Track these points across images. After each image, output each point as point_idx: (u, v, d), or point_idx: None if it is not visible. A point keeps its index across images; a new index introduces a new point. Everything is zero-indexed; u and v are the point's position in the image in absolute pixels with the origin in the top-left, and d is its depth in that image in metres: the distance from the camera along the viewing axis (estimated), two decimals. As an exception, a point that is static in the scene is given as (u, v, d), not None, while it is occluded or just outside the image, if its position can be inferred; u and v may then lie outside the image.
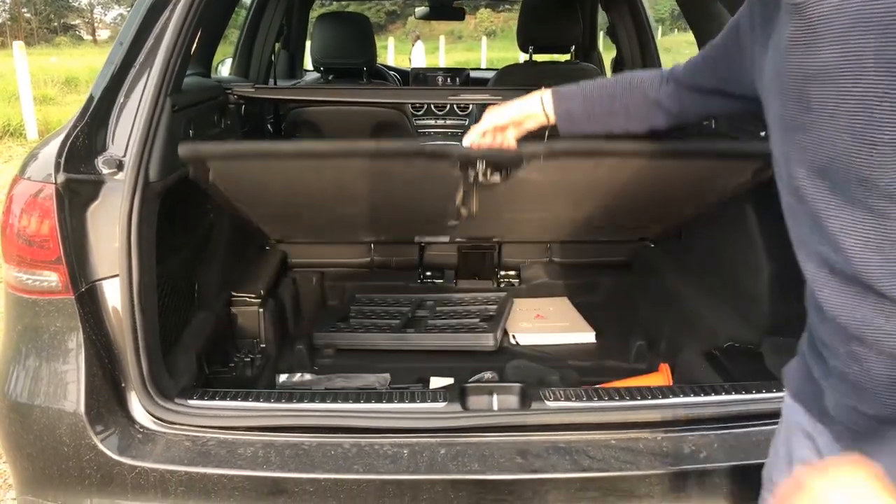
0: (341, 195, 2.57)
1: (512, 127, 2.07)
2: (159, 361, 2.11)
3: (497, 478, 1.89)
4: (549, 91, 2.00)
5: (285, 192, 2.53)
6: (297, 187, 2.49)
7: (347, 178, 2.41)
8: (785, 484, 1.04)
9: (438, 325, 3.21)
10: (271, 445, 1.97)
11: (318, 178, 2.40)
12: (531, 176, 2.38)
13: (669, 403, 2.08)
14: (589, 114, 1.94)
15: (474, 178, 2.32)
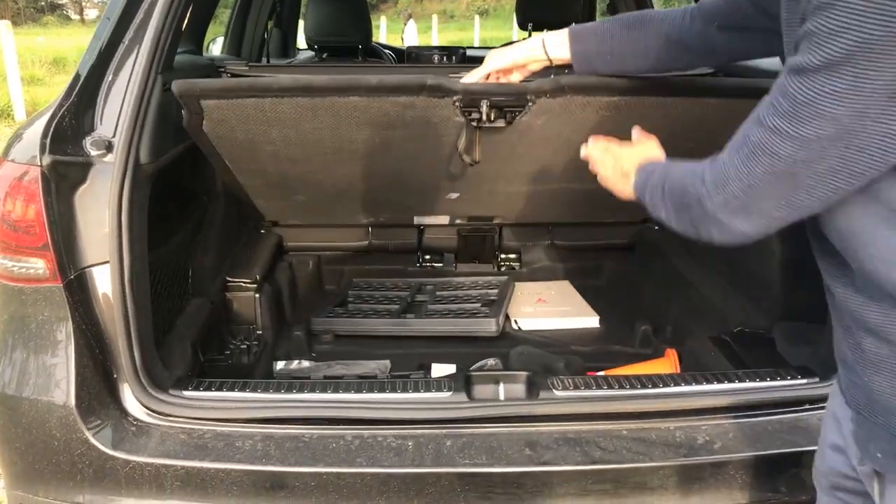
0: (339, 147, 2.45)
1: (516, 71, 2.01)
2: (153, 351, 2.03)
3: (506, 470, 1.83)
4: (556, 32, 1.92)
5: (281, 142, 2.40)
6: (294, 136, 2.36)
7: (345, 125, 2.29)
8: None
9: (439, 311, 3.13)
10: (270, 438, 1.90)
11: (314, 124, 2.27)
12: (537, 121, 2.29)
13: (682, 392, 2.01)
14: (606, 53, 1.85)
15: (477, 122, 2.23)
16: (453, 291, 3.34)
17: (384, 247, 3.54)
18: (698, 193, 1.24)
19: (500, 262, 3.61)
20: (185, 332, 2.35)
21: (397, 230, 3.51)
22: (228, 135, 2.35)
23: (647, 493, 1.87)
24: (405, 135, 2.38)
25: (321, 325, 3.05)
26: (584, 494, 1.86)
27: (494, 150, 2.47)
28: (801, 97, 1.01)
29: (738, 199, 1.16)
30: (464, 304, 3.19)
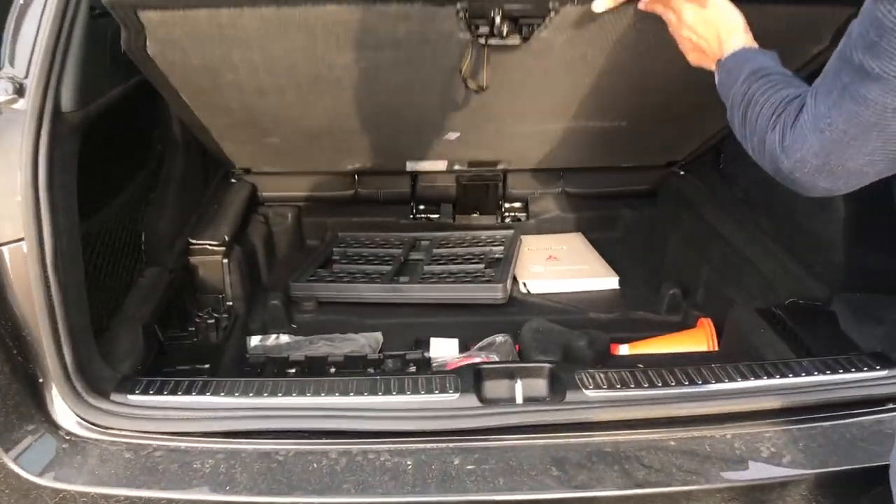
0: (315, 75, 2.02)
1: None
2: (89, 345, 1.65)
3: (530, 498, 1.47)
4: None
5: (245, 69, 1.96)
6: (260, 61, 1.92)
7: (322, 46, 1.86)
8: None
9: (436, 273, 2.75)
10: (236, 456, 1.53)
11: (284, 45, 1.85)
12: (558, 38, 1.89)
13: (739, 389, 1.65)
14: None
15: (486, 38, 1.84)
16: (452, 249, 2.95)
17: (373, 196, 3.13)
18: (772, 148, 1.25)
19: (504, 213, 3.21)
20: (135, 313, 1.96)
21: (388, 178, 3.09)
22: (180, 60, 1.91)
23: (702, 521, 1.52)
24: (396, 58, 1.95)
25: (302, 290, 2.66)
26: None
27: (504, 76, 2.06)
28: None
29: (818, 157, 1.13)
30: (465, 264, 2.80)
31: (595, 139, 2.71)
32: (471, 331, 2.47)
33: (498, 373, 1.74)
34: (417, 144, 2.75)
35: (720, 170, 2.79)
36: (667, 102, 2.34)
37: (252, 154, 2.80)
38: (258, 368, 2.17)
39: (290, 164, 2.91)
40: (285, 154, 2.77)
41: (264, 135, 2.55)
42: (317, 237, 3.15)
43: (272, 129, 2.49)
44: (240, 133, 2.55)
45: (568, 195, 3.17)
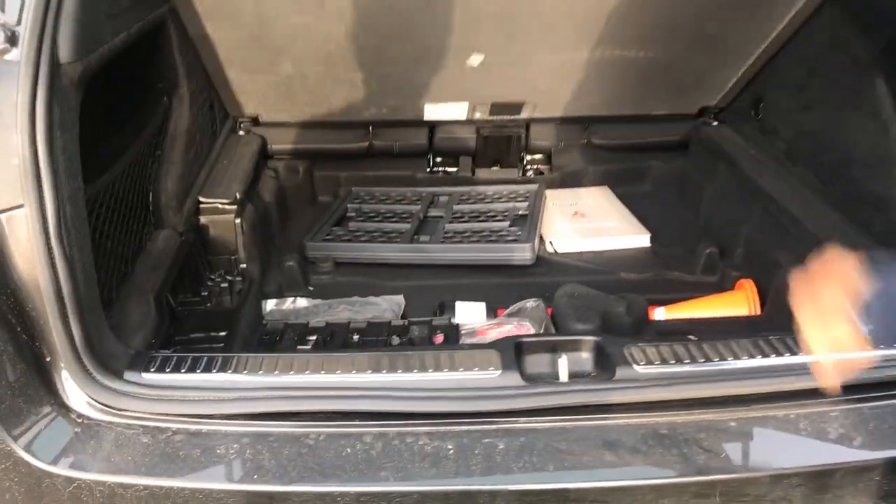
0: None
1: None
2: (99, 320, 1.52)
3: (583, 486, 1.36)
4: None
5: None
6: None
7: None
8: None
9: (459, 231, 2.61)
10: (263, 440, 1.41)
11: None
12: None
13: (805, 364, 1.52)
14: None
15: None
16: (474, 205, 2.81)
17: (388, 149, 2.96)
18: None
19: (526, 166, 3.05)
20: (146, 280, 1.83)
21: (404, 129, 2.92)
22: None
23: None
24: None
25: (318, 250, 2.53)
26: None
27: None
28: None
29: None
30: (488, 221, 2.66)
31: (624, 74, 2.56)
32: (496, 293, 2.36)
33: (540, 346, 1.62)
34: (437, 76, 2.56)
35: (759, 121, 2.63)
36: (700, 20, 2.17)
37: (261, 93, 2.62)
38: (276, 336, 2.05)
39: (301, 110, 2.74)
40: (296, 94, 2.61)
41: (276, 57, 2.41)
42: (329, 192, 3.00)
43: (285, 47, 2.35)
44: (249, 55, 2.41)
45: (594, 146, 3.01)
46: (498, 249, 2.45)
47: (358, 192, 2.93)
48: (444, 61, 2.47)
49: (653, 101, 2.79)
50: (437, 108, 2.76)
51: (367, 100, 2.67)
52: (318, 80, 2.53)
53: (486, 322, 2.07)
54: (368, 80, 2.56)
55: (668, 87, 2.70)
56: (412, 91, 2.64)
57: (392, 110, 2.75)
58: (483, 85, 2.62)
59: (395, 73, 2.53)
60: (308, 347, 1.94)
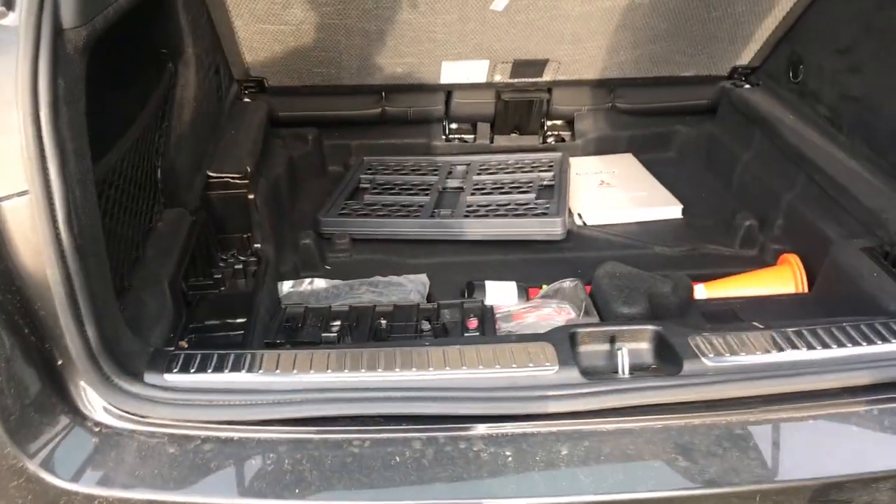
0: None
1: None
2: (115, 314, 1.37)
3: (658, 496, 1.25)
4: None
5: None
6: None
7: None
8: None
9: (482, 204, 2.46)
10: (302, 448, 1.29)
11: None
12: None
13: (889, 353, 1.41)
14: None
15: None
16: (495, 175, 2.66)
17: (402, 115, 2.80)
18: None
19: (547, 133, 2.90)
20: (159, 267, 1.68)
21: (419, 94, 2.75)
22: None
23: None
24: None
25: (333, 226, 2.38)
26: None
27: None
28: None
29: None
30: (512, 193, 2.51)
31: (655, 25, 2.42)
32: (524, 270, 2.23)
33: (596, 337, 1.49)
34: (458, 27, 2.39)
35: (798, 84, 2.48)
36: None
37: (269, 49, 2.44)
38: (297, 321, 1.90)
39: (310, 72, 2.56)
40: (306, 49, 2.43)
41: (286, 1, 2.24)
42: (339, 162, 2.84)
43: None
44: (258, 2, 2.24)
45: (618, 111, 2.86)
46: (527, 224, 2.31)
47: (370, 161, 2.77)
48: (465, 9, 2.30)
49: (683, 58, 2.63)
50: (455, 67, 2.58)
51: (381, 56, 2.49)
52: (330, 30, 2.35)
53: (523, 305, 1.93)
54: (383, 31, 2.38)
55: (699, 42, 2.54)
56: (430, 45, 2.46)
57: (408, 70, 2.57)
58: (505, 39, 2.45)
59: (412, 22, 2.34)
60: (334, 335, 1.80)
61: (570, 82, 2.73)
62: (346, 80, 2.60)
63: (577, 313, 1.88)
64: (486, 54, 2.53)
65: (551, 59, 2.59)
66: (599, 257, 2.24)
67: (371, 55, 2.49)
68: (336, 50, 2.46)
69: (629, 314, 1.80)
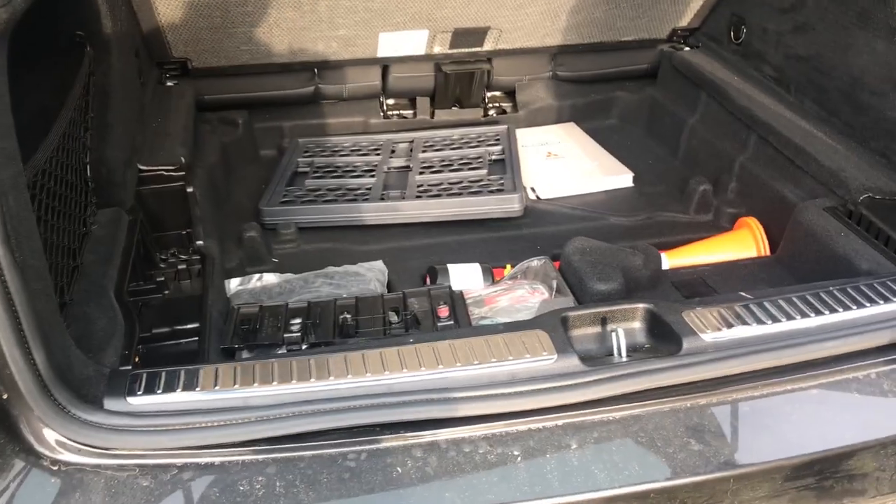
0: None
1: None
2: (62, 336, 1.22)
3: (678, 483, 1.19)
4: None
5: None
6: None
7: None
8: None
9: (433, 184, 2.35)
10: (293, 468, 1.17)
11: None
12: None
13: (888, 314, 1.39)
14: None
15: None
16: (441, 151, 2.55)
17: (337, 93, 2.66)
18: None
19: (488, 105, 2.81)
20: (101, 276, 1.51)
21: (353, 69, 2.61)
22: None
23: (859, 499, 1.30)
24: None
25: (276, 216, 2.23)
26: (777, 497, 1.26)
27: None
28: None
29: None
30: (462, 170, 2.42)
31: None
32: (483, 250, 2.15)
33: (588, 319, 1.43)
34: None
35: (740, 45, 2.47)
36: None
37: (193, 27, 2.25)
38: (254, 323, 1.76)
39: (237, 50, 2.38)
40: (233, 24, 2.25)
41: None
42: (272, 146, 2.67)
43: None
44: None
45: (559, 79, 2.80)
46: (484, 203, 2.22)
47: (306, 143, 2.62)
48: None
49: (624, 23, 2.58)
50: (393, 39, 2.45)
51: (314, 30, 2.33)
52: (259, 2, 2.18)
53: (494, 288, 1.85)
54: (317, 2, 2.22)
55: (641, 5, 2.50)
56: (367, 15, 2.31)
57: (343, 44, 2.43)
58: (445, 6, 2.34)
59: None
60: (296, 335, 1.68)
61: (511, 51, 2.65)
62: (277, 57, 2.44)
63: (550, 293, 1.82)
64: (426, 23, 2.42)
65: (492, 27, 2.49)
66: (557, 231, 2.19)
67: (303, 29, 2.33)
68: (266, 25, 2.29)
69: (606, 291, 1.74)
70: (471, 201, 2.22)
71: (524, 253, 2.08)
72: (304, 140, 2.63)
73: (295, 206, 2.25)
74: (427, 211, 2.23)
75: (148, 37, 2.22)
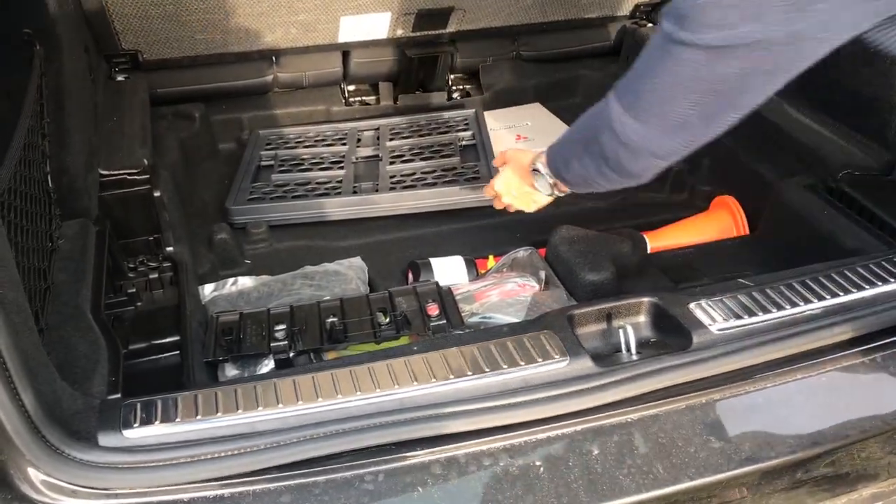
0: None
1: None
2: (47, 369, 1.13)
3: (701, 483, 1.17)
4: None
5: None
6: None
7: None
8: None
9: (406, 174, 2.28)
10: (308, 495, 1.11)
11: None
12: None
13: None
14: None
15: None
16: (409, 139, 2.48)
17: (296, 81, 2.55)
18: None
19: (452, 88, 2.74)
20: (75, 295, 1.41)
21: (313, 57, 2.51)
22: None
23: (875, 467, 1.30)
24: None
25: (245, 214, 2.14)
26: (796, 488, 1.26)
27: None
28: None
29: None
30: (434, 158, 2.35)
31: None
32: (461, 240, 2.11)
33: (593, 317, 1.39)
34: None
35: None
36: None
37: (143, 14, 2.12)
38: (237, 332, 1.69)
39: (191, 39, 2.26)
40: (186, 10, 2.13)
41: None
42: (231, 139, 2.56)
43: None
44: None
45: (523, 59, 2.74)
46: (461, 192, 2.16)
47: (267, 135, 2.51)
48: None
49: (588, 4, 2.54)
50: (354, 23, 2.35)
51: (272, 16, 2.23)
52: None
53: (482, 282, 1.81)
54: None
55: None
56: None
57: (302, 30, 2.32)
58: None
59: None
60: (283, 343, 1.61)
61: (475, 32, 2.58)
62: (234, 46, 2.32)
63: (540, 284, 1.78)
64: (388, 5, 2.33)
65: (456, 7, 2.42)
66: (535, 218, 2.13)
67: (261, 15, 2.22)
68: (221, 11, 2.17)
69: (598, 281, 1.72)
70: (448, 192, 2.16)
71: (504, 242, 2.05)
72: (265, 132, 2.53)
73: (264, 204, 2.16)
74: (403, 203, 2.16)
75: (95, 29, 2.08)
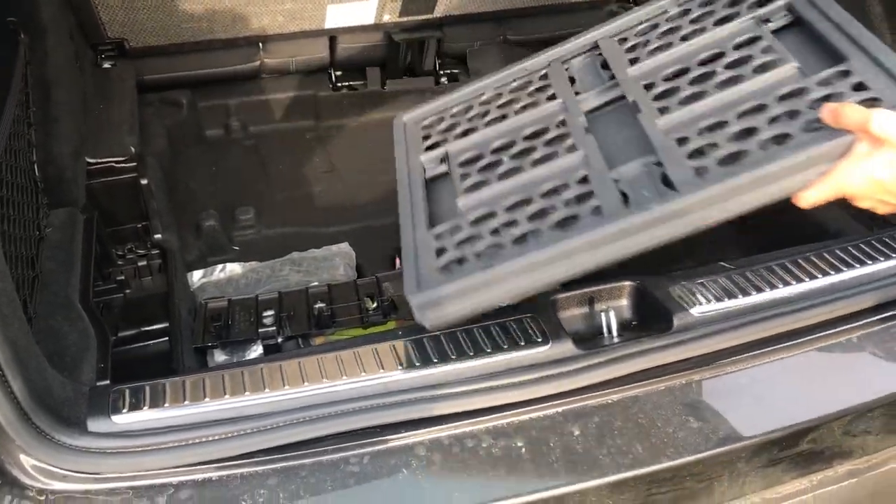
0: None
1: None
2: (37, 357, 1.14)
3: (678, 463, 1.20)
4: None
5: None
6: None
7: None
8: None
9: (702, 127, 2.27)
10: (295, 477, 1.14)
11: None
12: None
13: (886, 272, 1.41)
14: None
15: None
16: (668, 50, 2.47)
17: (284, 67, 2.55)
18: None
19: (440, 73, 2.75)
20: (63, 284, 1.42)
21: (300, 43, 2.51)
22: None
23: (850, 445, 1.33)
24: None
25: (444, 306, 2.11)
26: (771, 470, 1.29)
27: None
28: None
29: None
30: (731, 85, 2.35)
31: None
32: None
33: (575, 301, 1.41)
34: None
35: (690, 3, 2.45)
36: None
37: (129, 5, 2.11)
38: (225, 318, 1.70)
39: (178, 27, 2.25)
40: (172, 4, 2.13)
41: None
42: (219, 125, 2.56)
43: None
44: None
45: (510, 44, 2.75)
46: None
47: (417, 120, 2.46)
48: None
49: None
50: (341, 9, 2.35)
51: (259, 2, 2.22)
52: None
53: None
54: None
55: None
56: None
57: (289, 16, 2.32)
58: None
59: None
60: (272, 329, 1.63)
61: (461, 17, 2.58)
62: (220, 33, 2.32)
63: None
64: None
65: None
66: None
67: (248, 3, 2.22)
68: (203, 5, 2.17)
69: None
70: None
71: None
72: (410, 115, 1.68)
73: (472, 273, 1.25)
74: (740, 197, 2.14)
75: (81, 17, 2.08)
